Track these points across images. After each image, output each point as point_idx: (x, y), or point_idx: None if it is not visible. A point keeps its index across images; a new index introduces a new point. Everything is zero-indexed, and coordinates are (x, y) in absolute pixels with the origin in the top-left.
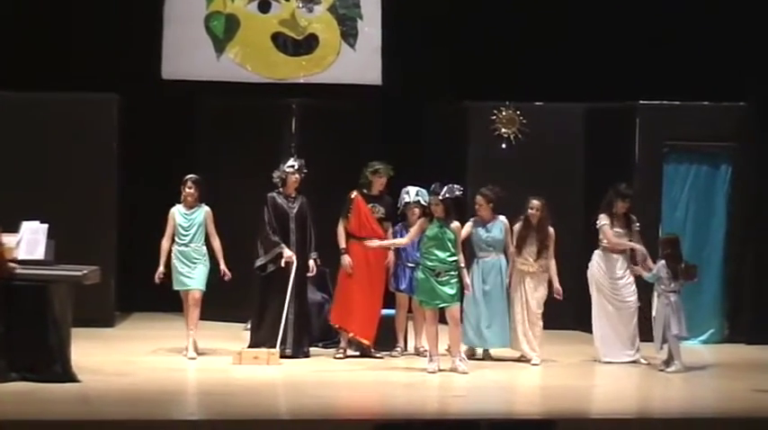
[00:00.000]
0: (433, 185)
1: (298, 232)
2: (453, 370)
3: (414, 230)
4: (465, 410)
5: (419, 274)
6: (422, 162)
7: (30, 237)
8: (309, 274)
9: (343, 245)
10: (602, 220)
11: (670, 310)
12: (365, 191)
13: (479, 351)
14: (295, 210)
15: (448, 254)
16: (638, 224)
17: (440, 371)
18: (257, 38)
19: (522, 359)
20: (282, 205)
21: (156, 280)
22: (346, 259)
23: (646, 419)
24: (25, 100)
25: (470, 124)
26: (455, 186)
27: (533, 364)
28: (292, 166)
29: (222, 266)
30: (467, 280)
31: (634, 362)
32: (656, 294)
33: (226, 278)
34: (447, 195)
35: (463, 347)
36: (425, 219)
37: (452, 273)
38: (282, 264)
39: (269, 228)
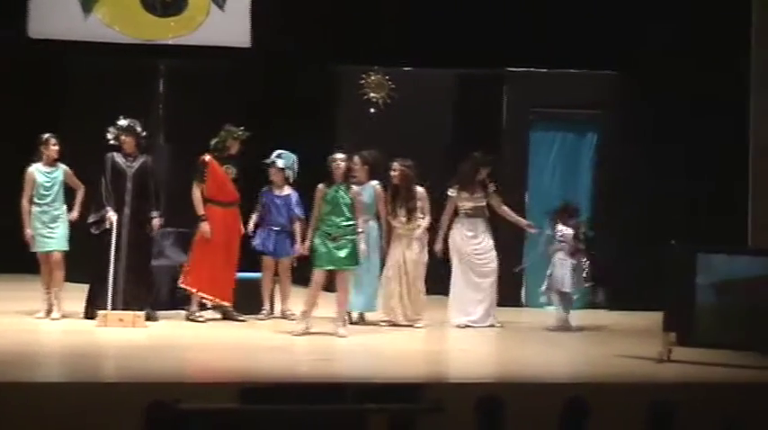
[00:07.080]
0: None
1: (134, 191)
2: (335, 334)
3: (316, 201)
4: (332, 373)
5: (315, 239)
6: (291, 126)
7: None
8: (152, 233)
9: (201, 211)
10: (451, 192)
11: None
12: (217, 154)
13: (354, 315)
14: (133, 170)
15: (343, 218)
16: (493, 186)
17: (307, 334)
18: None
19: (396, 323)
20: (120, 164)
21: (29, 241)
22: (206, 226)
23: (510, 384)
24: None
25: (339, 88)
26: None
27: (417, 328)
28: (120, 127)
29: (75, 212)
30: (363, 245)
31: (491, 326)
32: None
33: (72, 218)
34: (351, 157)
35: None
36: (323, 185)
37: (349, 237)
38: (107, 225)
39: (103, 187)
